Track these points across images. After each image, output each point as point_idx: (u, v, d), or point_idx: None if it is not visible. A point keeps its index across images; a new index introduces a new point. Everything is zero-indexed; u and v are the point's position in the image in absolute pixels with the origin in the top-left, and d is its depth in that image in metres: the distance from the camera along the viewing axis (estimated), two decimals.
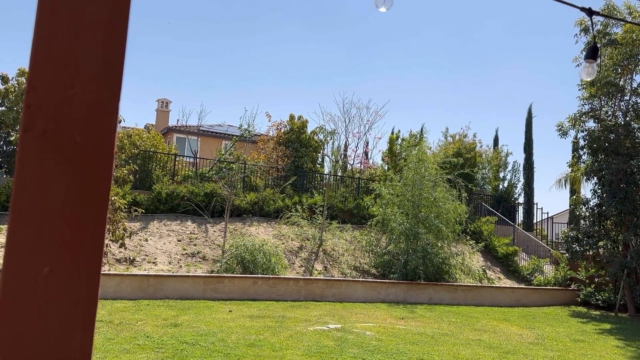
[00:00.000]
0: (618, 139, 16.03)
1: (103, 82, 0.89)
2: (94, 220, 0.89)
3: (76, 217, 0.88)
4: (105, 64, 0.89)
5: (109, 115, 0.90)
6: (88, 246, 0.88)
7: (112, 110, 0.91)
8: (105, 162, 0.90)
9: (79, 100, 0.88)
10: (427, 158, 17.02)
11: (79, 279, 0.87)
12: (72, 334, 0.85)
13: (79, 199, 0.88)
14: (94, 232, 0.89)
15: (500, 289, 16.11)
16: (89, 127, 0.89)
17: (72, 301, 0.86)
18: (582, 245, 16.35)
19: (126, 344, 7.22)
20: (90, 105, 0.89)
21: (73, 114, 0.88)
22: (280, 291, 12.90)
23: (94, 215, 0.89)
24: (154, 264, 13.31)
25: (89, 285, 0.88)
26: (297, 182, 19.93)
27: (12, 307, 0.83)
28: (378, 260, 16.04)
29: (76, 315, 0.86)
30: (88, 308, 0.87)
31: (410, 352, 8.00)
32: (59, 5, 0.88)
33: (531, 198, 25.80)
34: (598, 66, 16.31)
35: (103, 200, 0.90)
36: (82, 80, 0.88)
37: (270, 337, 8.27)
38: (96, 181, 0.89)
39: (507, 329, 11.20)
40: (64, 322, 0.85)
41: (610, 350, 9.83)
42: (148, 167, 18.06)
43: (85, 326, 0.86)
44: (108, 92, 0.90)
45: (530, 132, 26.55)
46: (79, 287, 0.87)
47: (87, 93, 0.88)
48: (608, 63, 16.05)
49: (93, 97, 0.89)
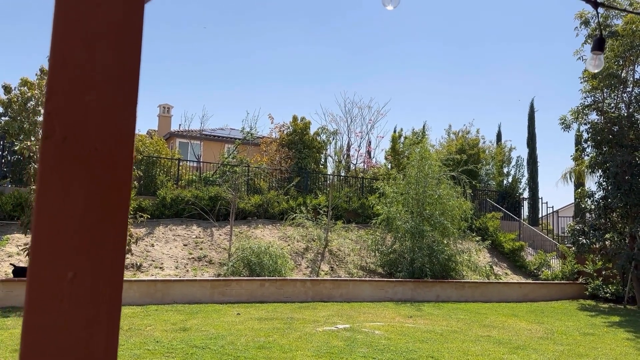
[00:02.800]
0: (622, 131, 15.98)
1: (120, 87, 0.90)
2: (115, 225, 0.90)
3: (97, 222, 0.89)
4: (122, 69, 0.90)
5: (126, 121, 0.92)
6: (110, 250, 0.90)
7: (129, 115, 0.92)
8: (124, 167, 0.91)
9: (97, 106, 0.89)
10: (430, 155, 17.00)
11: (102, 282, 0.88)
12: (97, 336, 0.87)
13: (100, 204, 0.89)
14: (115, 236, 0.90)
15: (508, 284, 16.07)
16: (107, 132, 0.90)
17: (96, 304, 0.87)
18: (588, 238, 16.29)
19: (136, 349, 7.24)
20: (108, 111, 0.90)
21: (92, 120, 0.89)
22: (288, 293, 12.91)
23: (114, 220, 0.90)
24: (160, 269, 13.34)
25: (112, 289, 0.89)
26: (301, 183, 19.95)
27: (38, 311, 0.84)
28: (384, 259, 16.03)
29: (100, 318, 0.87)
30: (112, 311, 0.88)
31: (420, 350, 7.99)
32: (74, 11, 0.89)
33: (536, 192, 25.74)
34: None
35: (123, 205, 0.91)
36: (100, 86, 0.89)
37: (279, 339, 8.27)
38: (116, 186, 0.90)
39: (516, 324, 11.18)
40: (88, 324, 0.86)
41: (620, 342, 9.80)
42: (152, 173, 18.11)
43: (110, 328, 0.87)
44: (125, 97, 0.91)
45: (533, 126, 26.50)
46: (103, 291, 0.88)
47: (105, 99, 0.90)
48: (609, 55, 15.99)
49: (111, 102, 0.90)
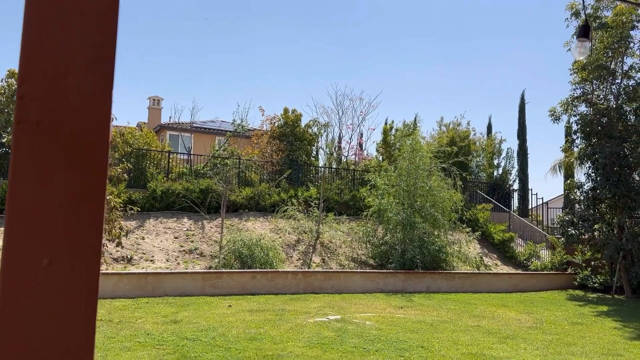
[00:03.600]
0: (610, 122, 16.09)
1: (97, 70, 0.88)
2: (91, 211, 0.88)
3: (73, 208, 0.87)
4: (98, 52, 0.88)
5: (103, 105, 0.90)
6: (86, 237, 0.88)
7: (106, 99, 0.90)
8: (100, 152, 0.90)
9: (73, 90, 0.87)
10: (421, 147, 17.04)
11: (78, 269, 0.87)
12: (74, 324, 0.85)
13: (76, 190, 0.88)
14: (91, 222, 0.88)
15: (498, 275, 16.20)
16: (83, 117, 0.88)
17: (72, 292, 0.86)
18: (577, 229, 16.44)
19: (127, 341, 7.22)
20: (85, 95, 0.88)
21: (67, 104, 0.87)
22: (279, 285, 12.92)
23: (91, 205, 0.88)
24: (151, 262, 13.30)
25: (89, 276, 0.87)
26: (292, 175, 19.92)
27: (12, 300, 0.83)
28: (375, 250, 16.08)
29: (78, 305, 0.86)
30: (89, 298, 0.87)
31: (410, 340, 8.04)
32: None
33: (526, 184, 25.92)
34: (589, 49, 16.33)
35: (100, 191, 0.89)
36: (76, 70, 0.87)
37: (270, 330, 8.29)
38: (92, 171, 0.89)
39: (505, 314, 11.28)
40: (65, 312, 0.85)
41: (608, 331, 9.93)
42: (142, 165, 18.00)
43: (87, 316, 0.86)
44: (102, 81, 0.89)
45: (523, 118, 26.62)
46: (79, 278, 0.87)
47: (81, 82, 0.88)
48: (599, 47, 16.07)
49: (87, 86, 0.88)
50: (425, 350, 7.47)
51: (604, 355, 7.85)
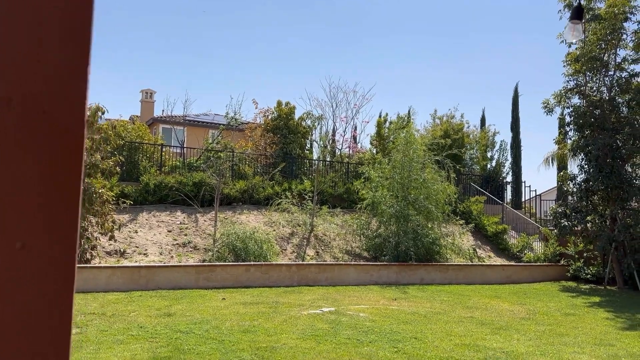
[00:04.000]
0: (603, 114, 16.12)
1: (72, 41, 0.84)
2: (66, 193, 0.85)
3: (48, 190, 0.84)
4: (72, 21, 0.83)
5: (78, 82, 0.86)
6: (61, 220, 0.84)
7: (81, 76, 0.86)
8: (76, 132, 0.86)
9: (44, 66, 0.83)
10: (415, 140, 17.04)
11: (54, 252, 0.83)
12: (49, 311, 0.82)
13: (49, 170, 0.84)
14: (67, 204, 0.85)
15: (491, 267, 16.27)
16: (57, 94, 0.84)
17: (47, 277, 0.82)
18: (570, 221, 16.51)
19: (119, 335, 7.19)
20: (58, 72, 0.84)
21: (40, 79, 0.83)
22: (273, 277, 12.91)
23: (66, 187, 0.85)
24: (145, 256, 13.24)
25: (66, 259, 0.84)
26: (286, 168, 19.87)
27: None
28: (369, 243, 16.09)
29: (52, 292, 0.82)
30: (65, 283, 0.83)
31: (403, 332, 8.06)
32: None
33: (519, 176, 25.99)
34: (582, 41, 16.33)
35: (75, 172, 0.85)
36: (49, 40, 0.83)
37: (264, 323, 8.28)
38: (67, 152, 0.85)
39: (498, 305, 11.33)
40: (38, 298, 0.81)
41: (600, 322, 9.99)
42: (134, 159, 17.89)
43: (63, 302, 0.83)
44: (76, 57, 0.85)
45: (517, 110, 26.65)
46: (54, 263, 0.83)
47: (53, 58, 0.83)
48: (592, 38, 16.06)
49: (61, 59, 0.84)
50: (418, 341, 7.48)
51: (597, 345, 7.89)
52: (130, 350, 6.43)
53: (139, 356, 6.21)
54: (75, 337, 7.01)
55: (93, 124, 12.34)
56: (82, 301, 9.63)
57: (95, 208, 11.92)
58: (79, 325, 7.67)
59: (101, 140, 12.48)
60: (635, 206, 16.19)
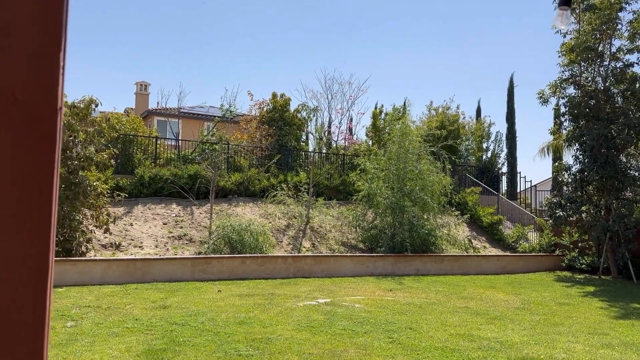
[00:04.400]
0: (598, 105, 16.12)
1: (43, 28, 0.82)
2: (40, 181, 0.83)
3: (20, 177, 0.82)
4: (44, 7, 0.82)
5: (50, 69, 0.84)
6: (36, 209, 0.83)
7: (54, 63, 0.84)
8: (49, 120, 0.84)
9: (16, 52, 0.82)
10: (411, 131, 17.01)
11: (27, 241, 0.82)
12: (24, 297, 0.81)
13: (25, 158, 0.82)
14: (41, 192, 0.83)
15: (486, 257, 16.33)
16: (29, 81, 0.83)
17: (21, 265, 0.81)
18: (565, 211, 16.55)
19: (115, 327, 7.19)
20: (30, 57, 0.82)
21: (11, 67, 0.82)
22: (269, 269, 12.92)
23: (40, 175, 0.83)
24: (140, 248, 13.23)
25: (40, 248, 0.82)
26: (282, 160, 19.84)
27: None
28: (365, 234, 16.12)
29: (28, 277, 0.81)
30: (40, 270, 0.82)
31: (399, 322, 8.09)
32: None
33: (514, 167, 26.04)
34: (577, 31, 16.30)
35: (50, 159, 0.84)
36: (20, 28, 0.81)
37: (260, 314, 8.29)
38: (41, 140, 0.83)
39: (493, 295, 11.38)
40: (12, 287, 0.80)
41: (594, 311, 10.05)
42: (129, 151, 17.82)
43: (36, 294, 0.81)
44: (49, 39, 0.83)
45: (512, 101, 26.66)
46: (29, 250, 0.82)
47: (25, 42, 0.82)
48: (587, 28, 16.03)
49: (33, 46, 0.82)
50: (413, 332, 7.51)
51: (591, 334, 7.95)
52: (126, 343, 6.43)
53: (134, 348, 6.21)
54: (71, 330, 7.01)
55: (87, 116, 12.27)
56: (77, 294, 9.62)
57: (89, 201, 11.88)
58: (74, 318, 7.67)
59: (95, 133, 12.41)
60: (630, 196, 16.24)
